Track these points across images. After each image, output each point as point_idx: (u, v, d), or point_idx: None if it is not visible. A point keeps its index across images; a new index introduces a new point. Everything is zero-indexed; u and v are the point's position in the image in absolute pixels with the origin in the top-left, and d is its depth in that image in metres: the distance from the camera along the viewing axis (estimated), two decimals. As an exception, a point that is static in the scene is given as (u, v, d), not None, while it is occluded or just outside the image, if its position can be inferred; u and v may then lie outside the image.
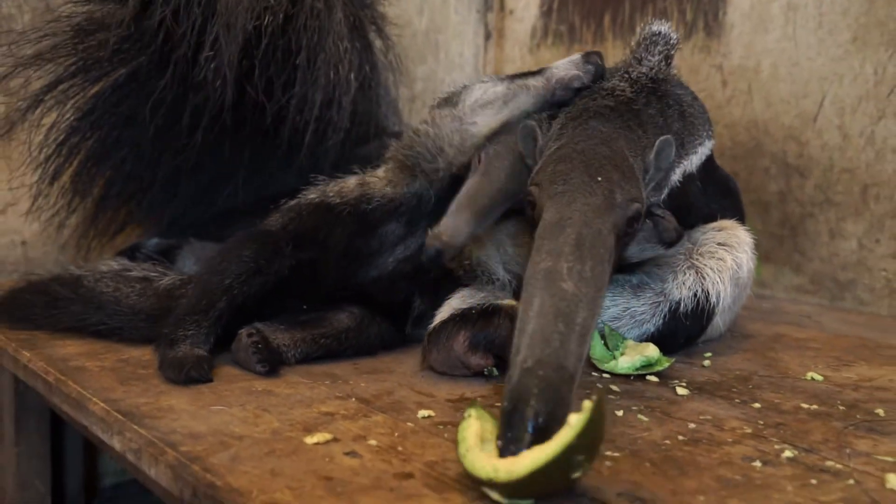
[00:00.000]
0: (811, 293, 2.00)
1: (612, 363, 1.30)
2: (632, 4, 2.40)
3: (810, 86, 1.99)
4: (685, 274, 1.40)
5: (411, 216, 1.50)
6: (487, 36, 2.87)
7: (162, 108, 1.69)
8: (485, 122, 1.44)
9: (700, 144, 1.45)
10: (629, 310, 1.39)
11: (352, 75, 1.78)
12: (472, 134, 1.44)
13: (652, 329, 1.39)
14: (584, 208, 1.10)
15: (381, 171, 1.54)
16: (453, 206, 1.31)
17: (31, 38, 1.67)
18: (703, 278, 1.39)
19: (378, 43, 2.03)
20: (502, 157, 1.37)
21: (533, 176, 1.24)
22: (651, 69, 1.38)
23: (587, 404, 0.81)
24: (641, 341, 1.37)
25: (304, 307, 1.43)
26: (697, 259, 1.42)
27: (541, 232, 1.09)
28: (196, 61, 1.61)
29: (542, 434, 0.84)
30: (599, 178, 1.14)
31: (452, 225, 1.27)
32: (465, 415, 0.90)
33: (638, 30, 1.45)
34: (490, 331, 1.25)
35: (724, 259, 1.42)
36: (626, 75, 1.38)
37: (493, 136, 1.43)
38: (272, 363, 1.26)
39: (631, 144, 1.26)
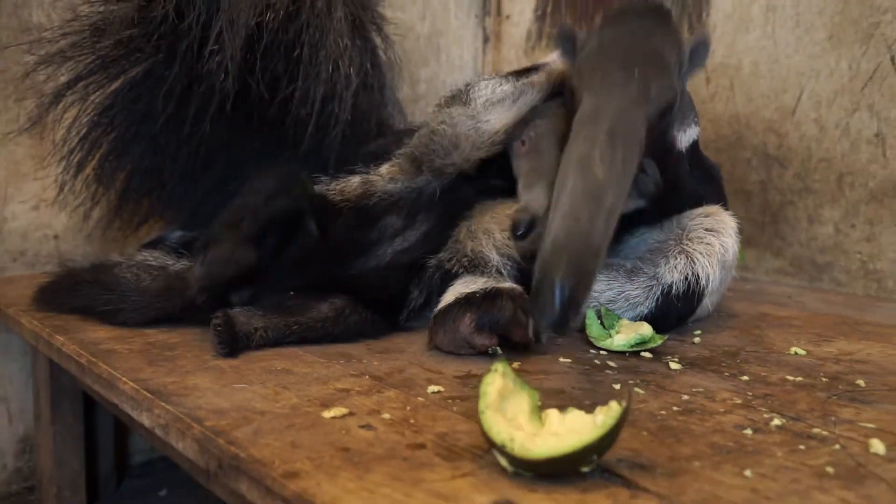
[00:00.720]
0: (791, 275, 1.99)
1: (609, 341, 1.29)
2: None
3: (789, 81, 1.97)
4: (676, 258, 1.39)
5: (410, 209, 1.48)
6: (486, 39, 2.85)
7: (172, 100, 1.67)
8: (498, 119, 1.43)
9: (688, 126, 1.44)
10: (624, 293, 1.38)
11: (352, 70, 1.75)
12: (485, 130, 1.43)
13: (646, 311, 1.37)
14: (620, 99, 1.11)
15: (384, 169, 1.52)
16: (524, 183, 1.35)
17: (53, 36, 1.65)
18: (693, 262, 1.38)
19: (379, 42, 2.00)
20: (545, 136, 1.39)
21: (575, 62, 1.24)
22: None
23: (615, 408, 0.78)
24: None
25: (292, 294, 1.40)
26: (687, 244, 1.40)
27: (578, 120, 1.11)
28: (201, 55, 1.59)
29: (569, 303, 0.93)
30: (636, 72, 1.15)
31: (534, 197, 1.30)
32: (493, 368, 0.87)
33: None
34: (494, 312, 1.23)
35: (712, 244, 1.40)
36: None
37: (511, 128, 1.45)
38: (232, 346, 1.24)
39: (667, 40, 1.25)
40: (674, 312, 1.39)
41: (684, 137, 1.43)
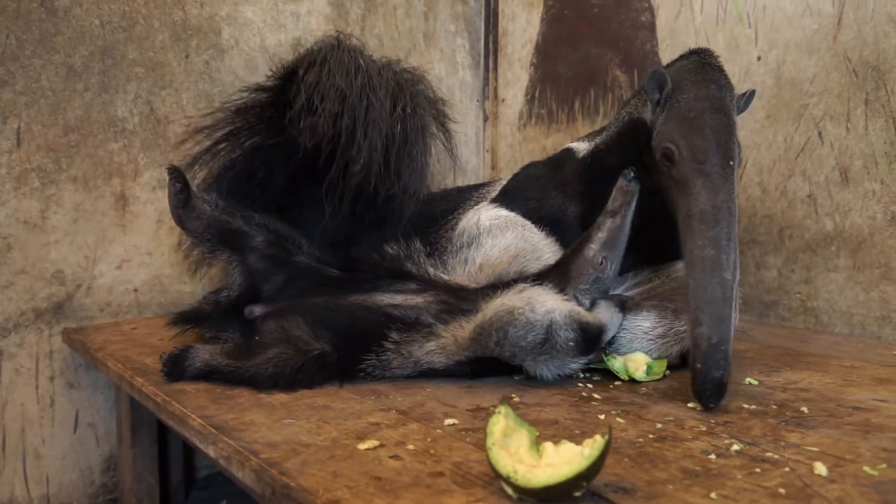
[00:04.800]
0: (744, 312, 1.97)
1: (640, 374, 1.29)
2: (595, 93, 2.41)
3: (735, 152, 1.98)
4: None
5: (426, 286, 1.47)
6: (486, 118, 2.88)
7: (279, 172, 1.71)
8: None
9: None
10: (673, 329, 1.35)
11: (432, 162, 1.82)
12: None
13: (689, 343, 1.34)
14: (727, 196, 1.16)
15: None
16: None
17: (202, 116, 1.75)
18: None
19: (435, 131, 1.98)
20: None
21: (665, 128, 1.27)
22: None
23: (599, 441, 0.78)
24: (682, 354, 1.35)
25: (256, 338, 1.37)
26: None
27: (697, 216, 1.16)
28: (336, 152, 1.63)
29: (725, 387, 1.08)
30: (731, 163, 1.19)
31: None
32: (497, 410, 0.87)
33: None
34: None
35: None
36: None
37: None
38: (172, 377, 1.31)
39: (728, 93, 1.29)
40: None
41: None
